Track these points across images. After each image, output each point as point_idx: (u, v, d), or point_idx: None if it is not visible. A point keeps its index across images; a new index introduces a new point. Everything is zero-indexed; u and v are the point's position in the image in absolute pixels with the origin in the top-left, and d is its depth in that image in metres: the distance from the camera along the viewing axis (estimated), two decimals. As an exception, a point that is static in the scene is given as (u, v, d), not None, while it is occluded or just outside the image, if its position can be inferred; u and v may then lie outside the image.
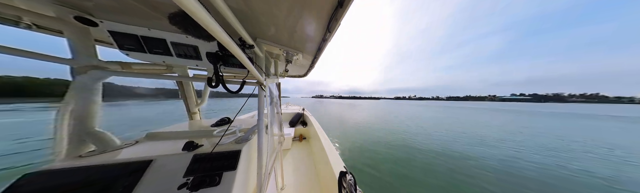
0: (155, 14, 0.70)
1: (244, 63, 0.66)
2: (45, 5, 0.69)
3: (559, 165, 4.71)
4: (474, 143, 6.46)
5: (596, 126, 13.56)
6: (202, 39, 0.72)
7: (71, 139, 0.82)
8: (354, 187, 0.88)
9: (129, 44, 0.82)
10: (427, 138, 6.85)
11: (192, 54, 0.90)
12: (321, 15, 0.69)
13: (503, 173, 3.95)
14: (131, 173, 0.72)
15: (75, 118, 0.82)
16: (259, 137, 0.91)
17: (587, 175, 4.19)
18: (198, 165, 0.80)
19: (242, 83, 0.88)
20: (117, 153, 0.85)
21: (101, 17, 0.75)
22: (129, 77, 0.89)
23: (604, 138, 8.57)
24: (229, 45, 0.50)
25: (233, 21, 0.58)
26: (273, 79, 1.24)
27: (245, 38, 0.76)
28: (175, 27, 0.62)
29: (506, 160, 4.83)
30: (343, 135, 7.01)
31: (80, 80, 0.81)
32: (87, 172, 0.70)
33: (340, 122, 10.38)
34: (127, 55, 0.86)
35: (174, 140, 1.05)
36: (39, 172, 0.67)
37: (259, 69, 0.97)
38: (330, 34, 0.84)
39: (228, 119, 1.42)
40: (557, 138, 8.12)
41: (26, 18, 0.77)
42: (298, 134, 3.41)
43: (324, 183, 1.66)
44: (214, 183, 0.76)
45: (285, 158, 2.48)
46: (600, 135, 9.66)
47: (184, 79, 1.00)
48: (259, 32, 0.89)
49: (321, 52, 1.21)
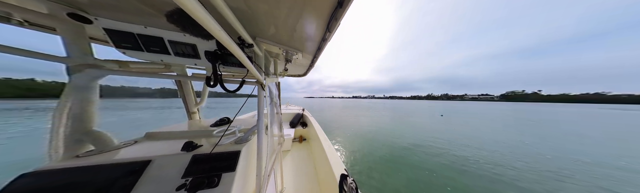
0: (152, 11, 0.68)
1: (243, 62, 0.65)
2: (37, 2, 0.66)
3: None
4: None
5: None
6: (200, 38, 0.70)
7: (68, 139, 0.80)
8: (355, 190, 0.87)
9: (125, 42, 0.80)
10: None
11: (190, 52, 0.89)
12: (321, 15, 0.68)
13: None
14: (129, 173, 0.71)
15: (73, 117, 0.80)
16: (259, 138, 0.90)
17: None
18: (197, 166, 0.80)
19: (242, 82, 0.87)
20: (115, 153, 0.84)
21: (96, 14, 0.73)
22: (126, 76, 0.87)
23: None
24: (228, 44, 0.49)
25: (232, 20, 0.57)
26: (273, 78, 1.23)
27: (245, 37, 0.74)
28: (173, 25, 0.61)
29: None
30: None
31: (76, 79, 0.79)
32: (85, 172, 0.70)
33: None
34: (123, 53, 0.84)
35: (173, 140, 1.04)
36: (36, 172, 0.66)
37: (258, 68, 0.95)
38: (330, 33, 0.83)
39: (227, 119, 1.41)
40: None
41: (17, 15, 0.75)
42: (298, 135, 3.40)
43: (324, 186, 1.66)
44: (212, 184, 0.75)
45: (285, 160, 2.47)
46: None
47: (183, 78, 0.99)
48: (259, 31, 0.88)
49: (321, 52, 1.19)
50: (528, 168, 4.27)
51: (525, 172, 4.05)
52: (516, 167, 4.30)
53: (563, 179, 3.86)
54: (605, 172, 4.41)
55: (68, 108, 0.80)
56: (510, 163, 4.51)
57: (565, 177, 3.95)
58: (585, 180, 3.91)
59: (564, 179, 3.86)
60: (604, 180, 4.01)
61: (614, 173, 4.40)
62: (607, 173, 4.35)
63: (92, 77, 0.81)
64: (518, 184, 3.50)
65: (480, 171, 3.96)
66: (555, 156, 5.36)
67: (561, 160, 5.00)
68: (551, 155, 5.40)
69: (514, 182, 3.55)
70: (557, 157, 5.24)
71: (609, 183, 3.87)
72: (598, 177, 4.10)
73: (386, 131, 8.12)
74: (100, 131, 0.88)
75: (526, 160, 4.82)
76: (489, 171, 3.98)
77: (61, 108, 0.79)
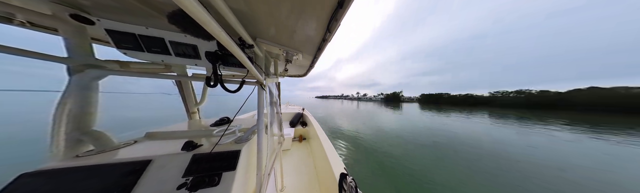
0: (154, 12, 0.69)
1: (244, 62, 0.66)
2: (40, 3, 0.67)
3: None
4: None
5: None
6: (201, 38, 0.71)
7: (68, 139, 0.81)
8: (355, 189, 0.88)
9: (127, 42, 0.81)
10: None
11: (191, 53, 0.89)
12: (321, 16, 0.68)
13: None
14: (130, 173, 0.72)
15: (73, 117, 0.81)
16: (259, 137, 0.91)
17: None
18: (197, 165, 0.80)
19: (242, 82, 0.88)
20: (115, 153, 0.84)
21: (98, 15, 0.74)
22: (127, 76, 0.88)
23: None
24: (228, 45, 0.49)
25: (233, 21, 0.58)
26: (273, 79, 1.23)
27: (245, 38, 0.75)
28: (174, 26, 0.61)
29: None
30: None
31: (77, 79, 0.80)
32: (85, 172, 0.70)
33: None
34: (124, 54, 0.85)
35: (173, 139, 1.04)
36: (36, 172, 0.67)
37: (258, 68, 0.96)
38: (330, 34, 0.84)
39: (227, 119, 1.41)
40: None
41: (20, 15, 0.76)
42: (298, 135, 3.41)
43: (324, 184, 1.66)
44: (213, 183, 0.76)
45: (285, 159, 2.48)
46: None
47: (183, 78, 1.00)
48: (259, 32, 0.89)
49: (321, 52, 1.20)
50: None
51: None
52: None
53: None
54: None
55: (68, 109, 0.80)
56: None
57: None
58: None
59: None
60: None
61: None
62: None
63: (92, 77, 0.82)
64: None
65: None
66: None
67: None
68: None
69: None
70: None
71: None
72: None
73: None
74: (101, 131, 0.88)
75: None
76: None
77: (61, 109, 0.79)
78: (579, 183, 4.66)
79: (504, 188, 3.88)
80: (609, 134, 12.98)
